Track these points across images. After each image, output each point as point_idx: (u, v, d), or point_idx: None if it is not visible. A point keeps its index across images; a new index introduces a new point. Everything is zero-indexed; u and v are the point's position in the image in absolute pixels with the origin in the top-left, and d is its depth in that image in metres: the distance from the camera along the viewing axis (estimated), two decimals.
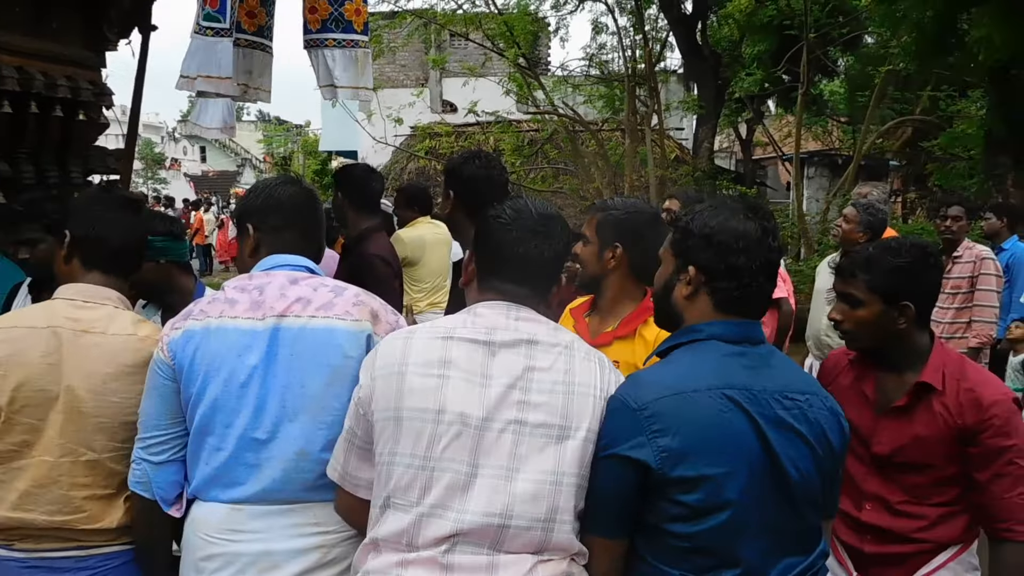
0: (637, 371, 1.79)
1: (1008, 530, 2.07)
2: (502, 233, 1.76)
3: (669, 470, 1.55)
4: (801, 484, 1.62)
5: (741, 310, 1.70)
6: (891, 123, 13.46)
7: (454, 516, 1.58)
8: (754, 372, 1.65)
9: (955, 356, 2.22)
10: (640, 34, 11.23)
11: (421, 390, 1.62)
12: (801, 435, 1.62)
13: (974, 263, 4.69)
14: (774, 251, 1.69)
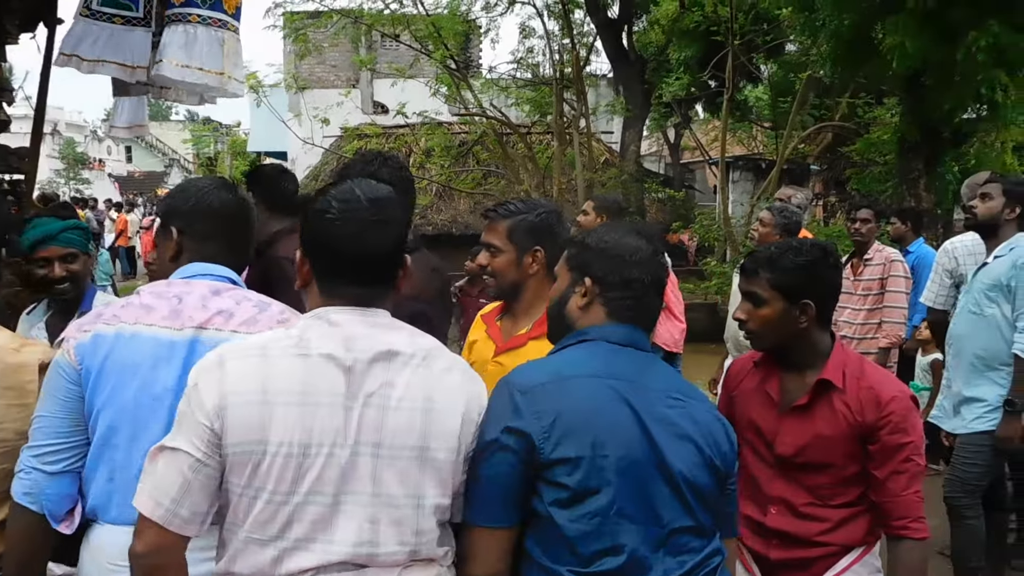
0: (524, 362, 1.79)
1: (905, 527, 2.10)
2: (335, 229, 1.58)
3: (549, 451, 1.57)
4: (689, 480, 1.63)
5: (632, 320, 1.75)
6: (812, 129, 13.81)
7: (320, 548, 1.50)
8: (639, 369, 1.70)
9: (854, 355, 2.25)
10: (568, 38, 11.26)
11: (286, 422, 1.49)
12: (686, 432, 1.65)
13: (884, 265, 4.80)
14: (662, 268, 1.78)
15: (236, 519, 1.52)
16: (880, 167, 11.43)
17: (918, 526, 2.10)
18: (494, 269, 2.36)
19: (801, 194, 5.31)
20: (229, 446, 1.49)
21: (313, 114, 12.65)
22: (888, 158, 10.36)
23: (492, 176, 13.70)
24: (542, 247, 2.32)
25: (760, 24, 12.79)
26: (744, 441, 2.29)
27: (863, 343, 4.86)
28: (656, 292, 1.77)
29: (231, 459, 1.49)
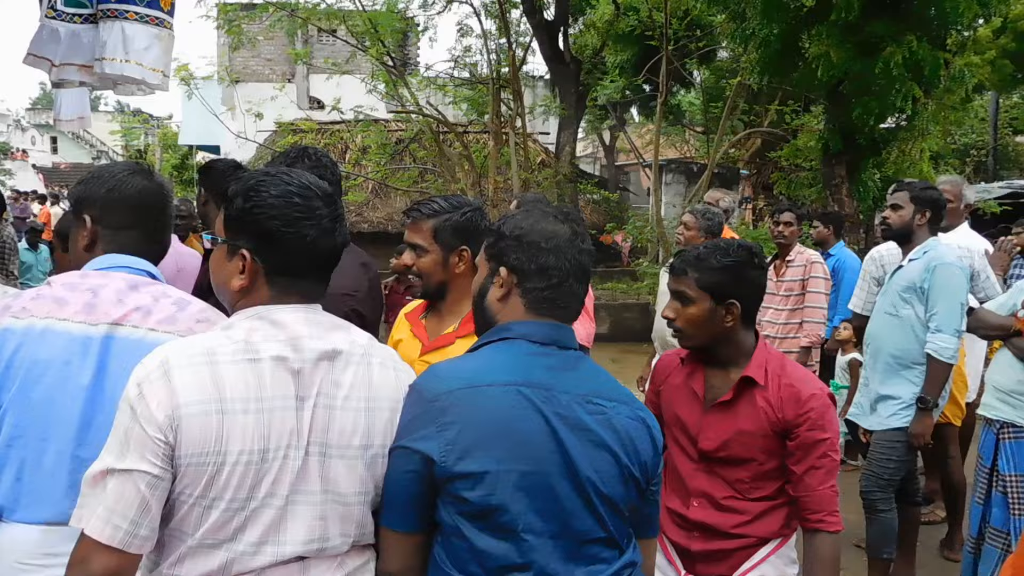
0: (437, 363, 1.72)
1: (820, 521, 2.17)
2: (267, 221, 1.52)
3: (452, 464, 1.50)
4: (602, 492, 1.57)
5: (553, 311, 1.66)
6: (742, 134, 14.11)
7: (271, 550, 1.47)
8: (557, 373, 1.60)
9: (776, 354, 2.31)
10: (505, 38, 11.28)
11: (245, 430, 1.44)
12: (603, 441, 1.58)
13: (805, 267, 4.93)
14: (584, 254, 1.68)
15: (185, 527, 1.46)
16: (806, 172, 11.75)
17: (833, 520, 2.17)
18: (420, 269, 2.33)
19: (728, 197, 5.43)
20: (184, 456, 1.43)
21: (247, 108, 12.41)
22: (813, 164, 10.66)
23: (429, 174, 13.65)
24: (468, 246, 2.30)
25: (693, 31, 13.02)
26: (669, 436, 2.36)
27: (785, 342, 4.99)
28: (578, 279, 1.67)
29: (185, 469, 1.43)
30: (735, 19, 9.59)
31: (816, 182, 10.58)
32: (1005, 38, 19.08)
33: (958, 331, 3.50)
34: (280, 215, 1.52)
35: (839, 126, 9.03)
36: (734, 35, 9.92)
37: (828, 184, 9.48)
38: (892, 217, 3.76)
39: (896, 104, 8.59)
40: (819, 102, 10.99)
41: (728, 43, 11.64)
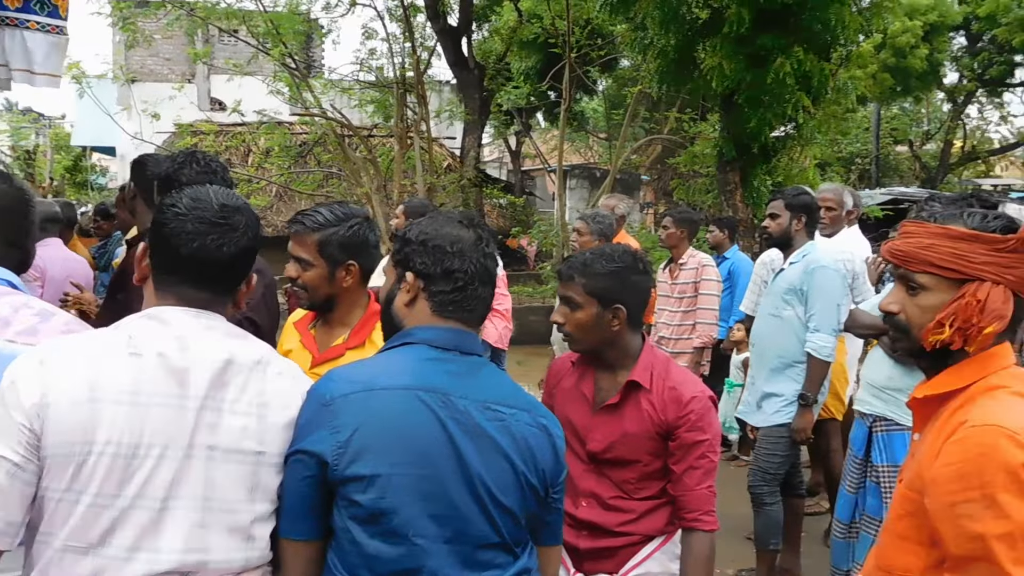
0: (336, 367, 1.71)
1: (696, 520, 2.24)
2: (177, 225, 1.53)
3: (344, 467, 1.50)
4: (497, 498, 1.56)
5: (459, 314, 1.67)
6: (643, 141, 14.42)
7: (146, 557, 1.42)
8: (457, 379, 1.61)
9: (661, 356, 2.37)
10: (409, 42, 11.22)
11: (115, 421, 1.41)
12: (500, 447, 1.58)
13: (696, 270, 5.09)
14: (489, 257, 1.70)
15: (52, 527, 1.41)
16: (703, 179, 12.11)
17: (708, 519, 2.24)
18: (305, 283, 2.29)
19: (624, 203, 5.57)
20: (50, 447, 1.39)
21: (143, 108, 11.97)
22: (709, 170, 10.98)
23: (333, 178, 13.45)
24: (356, 260, 2.28)
25: (595, 39, 13.23)
26: None
27: (679, 343, 5.13)
28: (483, 281, 1.68)
29: (51, 461, 1.39)
30: (635, 29, 9.81)
31: (713, 188, 10.91)
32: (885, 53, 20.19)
33: (835, 330, 3.68)
34: (165, 216, 1.54)
35: (733, 134, 9.34)
36: (633, 45, 10.14)
37: (723, 190, 9.79)
38: (771, 225, 3.92)
39: (786, 113, 8.95)
40: (714, 110, 11.34)
41: (628, 52, 11.88)
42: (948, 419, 1.52)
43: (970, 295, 1.50)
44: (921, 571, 1.52)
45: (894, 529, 1.59)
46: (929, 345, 1.54)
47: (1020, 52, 21.78)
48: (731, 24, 8.21)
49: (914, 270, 1.57)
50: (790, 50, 8.43)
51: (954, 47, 23.02)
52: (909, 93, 22.75)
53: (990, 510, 1.37)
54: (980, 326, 1.49)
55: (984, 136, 27.45)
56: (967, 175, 27.63)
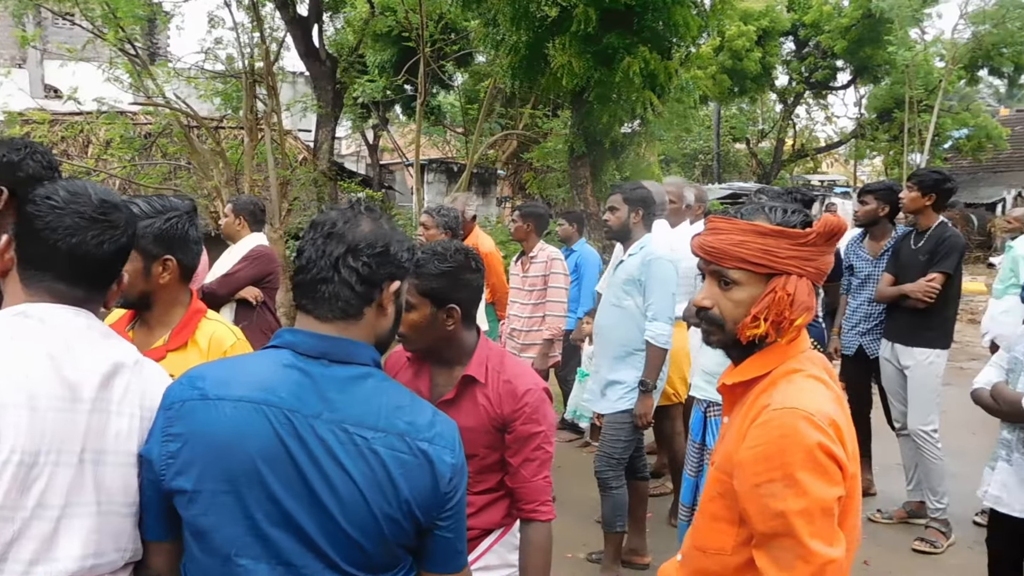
0: (199, 365, 1.57)
1: (534, 511, 2.24)
2: (54, 219, 1.44)
3: (171, 478, 1.41)
4: (342, 525, 1.38)
5: (319, 312, 1.46)
6: (498, 136, 14.50)
7: (43, 569, 1.33)
8: (314, 393, 1.41)
9: (497, 350, 2.35)
10: (258, 31, 10.77)
11: (18, 427, 1.32)
12: (349, 475, 1.38)
13: (546, 263, 5.13)
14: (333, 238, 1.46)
15: None
16: (556, 173, 12.31)
17: (545, 509, 2.25)
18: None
19: (463, 197, 5.58)
20: None
21: None
22: (561, 165, 11.16)
23: (181, 171, 12.77)
24: (173, 255, 2.14)
25: (449, 34, 13.17)
26: None
27: (530, 334, 5.17)
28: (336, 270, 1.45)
29: None
30: (487, 25, 9.82)
31: (565, 182, 11.10)
32: (724, 55, 21.22)
33: (671, 319, 3.79)
34: (40, 207, 1.46)
35: (583, 130, 9.54)
36: (486, 40, 10.16)
37: (574, 184, 9.99)
38: (611, 219, 4.00)
39: (635, 110, 9.21)
40: (566, 107, 11.53)
41: (481, 48, 11.89)
42: (753, 403, 1.58)
43: (780, 289, 1.56)
44: (732, 549, 1.57)
45: (707, 510, 1.64)
46: (746, 339, 1.59)
47: (841, 58, 23.44)
48: (579, 23, 8.35)
49: (727, 266, 1.61)
50: (635, 50, 8.67)
51: (784, 51, 24.49)
52: (745, 94, 24.05)
53: (790, 488, 1.44)
54: (791, 318, 1.55)
55: (812, 135, 29.38)
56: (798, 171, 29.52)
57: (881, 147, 25.05)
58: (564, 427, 6.74)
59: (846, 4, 22.35)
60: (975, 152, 23.67)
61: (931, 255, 4.53)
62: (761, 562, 1.49)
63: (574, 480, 5.31)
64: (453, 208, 4.67)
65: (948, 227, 4.66)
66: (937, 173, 4.66)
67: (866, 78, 24.21)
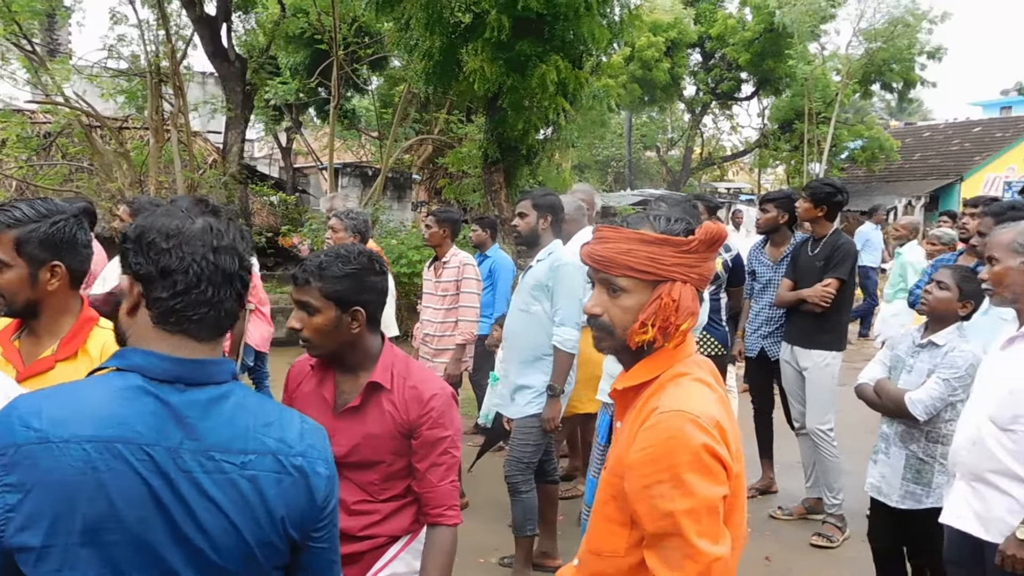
0: (22, 397, 1.35)
1: (440, 515, 2.21)
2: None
3: (12, 535, 1.21)
4: (213, 559, 1.30)
5: (183, 325, 1.35)
6: (413, 140, 14.40)
7: None
8: (171, 422, 1.29)
9: (401, 355, 2.31)
10: (163, 29, 10.40)
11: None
12: (219, 506, 1.29)
13: (458, 268, 5.09)
14: (224, 252, 1.36)
15: None
16: (471, 179, 12.30)
17: (452, 514, 2.22)
18: (2, 287, 2.00)
19: (350, 203, 5.52)
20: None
21: None
22: (476, 171, 11.16)
23: (82, 173, 12.22)
24: (62, 261, 2.02)
25: (363, 37, 13.02)
26: None
27: (443, 339, 5.12)
28: (214, 283, 1.35)
29: None
30: (400, 29, 9.74)
31: (480, 187, 11.10)
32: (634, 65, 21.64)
33: (578, 324, 3.80)
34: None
35: (497, 136, 9.55)
36: (400, 44, 10.08)
37: (489, 190, 10.00)
38: (520, 225, 4.00)
39: (548, 117, 9.28)
40: (480, 113, 11.53)
41: (395, 52, 11.79)
42: (642, 407, 1.60)
43: (666, 295, 1.58)
44: (626, 551, 1.58)
45: (600, 513, 1.64)
46: (635, 344, 1.61)
47: (745, 70, 24.20)
48: (491, 29, 8.37)
49: (615, 274, 1.62)
50: (547, 57, 8.74)
51: (692, 63, 25.14)
52: (655, 103, 24.63)
53: (678, 489, 1.46)
54: (677, 323, 1.58)
55: (719, 144, 30.26)
56: (706, 178, 30.34)
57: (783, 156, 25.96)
58: (478, 431, 6.71)
59: (749, 18, 23.09)
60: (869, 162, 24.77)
61: (826, 261, 4.69)
62: (651, 562, 1.51)
63: (487, 484, 5.29)
64: (363, 212, 4.59)
65: (842, 235, 4.84)
66: (829, 185, 4.84)
67: (768, 90, 25.06)
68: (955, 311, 3.29)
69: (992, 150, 27.80)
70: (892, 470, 3.38)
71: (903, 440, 3.37)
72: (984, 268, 2.75)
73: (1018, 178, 23.21)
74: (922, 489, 3.31)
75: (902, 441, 3.37)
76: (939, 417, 3.27)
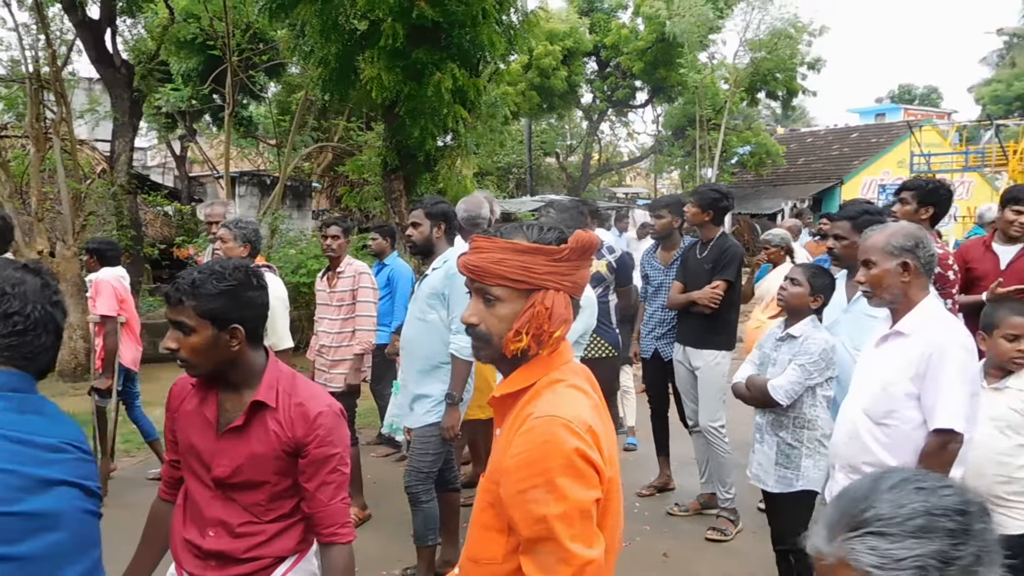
0: None
1: (333, 534, 2.13)
2: None
3: None
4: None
5: (15, 361, 1.49)
6: (312, 148, 14.11)
7: None
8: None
9: (287, 371, 2.22)
10: (43, 34, 9.84)
11: None
12: None
13: (354, 277, 4.98)
14: (57, 307, 1.56)
15: None
16: (371, 186, 12.12)
17: (344, 531, 2.15)
18: None
19: (231, 209, 5.37)
20: None
21: None
22: (377, 179, 10.99)
23: None
24: None
25: (257, 43, 12.67)
26: (186, 466, 2.19)
27: (340, 350, 4.99)
28: (48, 330, 1.52)
29: None
30: (296, 36, 9.50)
31: (382, 195, 10.94)
32: (532, 73, 21.85)
33: None
34: None
35: (396, 144, 9.43)
36: (295, 51, 9.84)
37: (389, 198, 9.86)
38: (414, 234, 3.95)
39: (447, 125, 9.21)
40: (379, 120, 11.37)
41: (291, 58, 11.51)
42: (519, 413, 1.59)
43: (539, 303, 1.58)
44: (503, 558, 1.56)
45: (478, 520, 1.63)
46: (510, 352, 1.60)
47: (639, 78, 24.78)
48: (387, 37, 8.26)
49: (489, 283, 1.61)
50: (444, 65, 8.68)
51: (588, 71, 25.58)
52: (554, 110, 24.92)
53: (551, 494, 1.45)
54: (550, 331, 1.58)
55: (616, 150, 30.86)
56: (605, 184, 30.90)
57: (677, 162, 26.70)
58: (381, 442, 6.60)
59: (642, 28, 23.65)
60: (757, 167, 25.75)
61: (715, 264, 4.81)
62: (527, 568, 1.49)
63: (389, 495, 5.19)
64: (253, 222, 4.44)
65: (728, 238, 4.98)
66: (715, 191, 4.96)
67: (662, 97, 25.75)
68: (808, 305, 3.52)
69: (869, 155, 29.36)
70: (766, 457, 3.55)
71: (773, 428, 3.53)
72: (860, 271, 2.85)
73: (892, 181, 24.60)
74: (792, 473, 3.47)
75: (772, 429, 3.53)
76: (802, 403, 3.45)
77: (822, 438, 3.40)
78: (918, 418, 2.64)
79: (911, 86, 52.40)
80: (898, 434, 2.67)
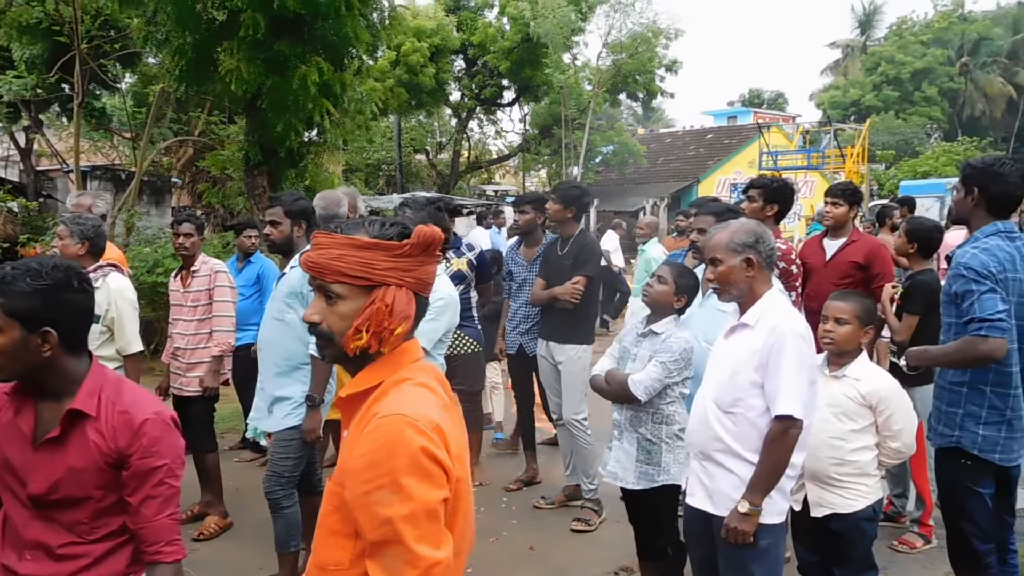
0: None
1: (158, 552, 1.99)
2: None
3: None
4: None
5: None
6: (170, 141, 13.36)
7: None
8: None
9: (113, 377, 2.05)
10: None
11: None
12: None
13: (210, 276, 4.71)
14: None
15: None
16: (236, 182, 11.57)
17: (171, 549, 2.00)
18: None
19: (101, 201, 5.01)
20: None
21: None
22: (240, 174, 10.50)
23: None
24: None
25: (109, 30, 11.86)
26: (2, 484, 1.99)
27: (197, 352, 4.72)
28: None
29: None
30: (148, 23, 8.92)
31: (246, 191, 10.47)
32: (400, 69, 21.55)
33: None
34: None
35: (259, 138, 9.03)
36: (148, 40, 9.24)
37: (252, 194, 9.44)
38: (273, 233, 3.78)
39: (312, 120, 8.89)
40: (240, 114, 10.87)
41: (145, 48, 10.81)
42: (365, 413, 1.52)
43: (379, 300, 1.52)
44: (350, 563, 1.49)
45: (325, 525, 1.54)
46: (351, 351, 1.53)
47: (506, 77, 24.91)
48: (247, 28, 7.89)
49: (329, 280, 1.54)
50: (308, 58, 8.39)
51: (456, 69, 25.48)
52: (423, 107, 24.67)
53: (396, 494, 1.39)
54: (391, 328, 1.52)
55: (485, 148, 30.94)
56: (474, 181, 30.91)
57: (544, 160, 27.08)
58: (245, 446, 6.30)
59: (508, 28, 23.78)
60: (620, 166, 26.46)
61: (575, 260, 4.85)
62: (373, 572, 1.42)
63: (253, 502, 4.93)
64: (93, 217, 4.10)
65: (587, 234, 5.03)
66: (576, 188, 5.01)
67: (528, 97, 25.96)
68: (671, 303, 3.52)
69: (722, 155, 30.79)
70: (626, 454, 3.53)
71: (633, 424, 3.52)
72: (708, 269, 2.92)
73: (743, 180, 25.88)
74: (654, 468, 3.47)
75: (632, 425, 3.53)
76: (661, 399, 3.45)
77: (679, 432, 3.41)
78: (762, 406, 2.72)
79: (760, 91, 55.26)
80: (744, 421, 2.74)
